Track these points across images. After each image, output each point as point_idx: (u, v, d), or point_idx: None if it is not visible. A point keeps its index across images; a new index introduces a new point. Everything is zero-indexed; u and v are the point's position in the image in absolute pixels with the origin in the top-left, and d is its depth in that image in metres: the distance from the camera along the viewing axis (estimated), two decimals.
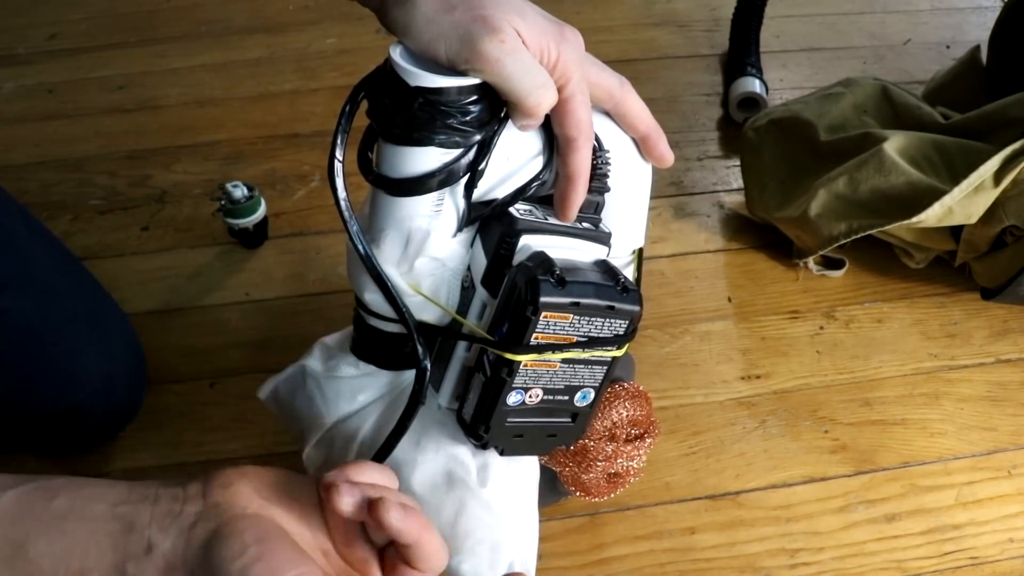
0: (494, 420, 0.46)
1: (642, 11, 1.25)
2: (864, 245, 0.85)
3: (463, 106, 0.41)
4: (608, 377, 0.48)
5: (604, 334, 0.45)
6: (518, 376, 0.45)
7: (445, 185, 0.43)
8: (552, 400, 0.47)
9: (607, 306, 0.44)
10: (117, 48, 1.18)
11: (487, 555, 0.49)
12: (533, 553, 0.52)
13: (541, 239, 0.45)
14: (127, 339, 0.74)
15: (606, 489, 0.60)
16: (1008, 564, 0.68)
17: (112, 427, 0.73)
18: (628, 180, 0.50)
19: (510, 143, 0.45)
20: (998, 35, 0.95)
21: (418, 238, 0.45)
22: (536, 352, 0.44)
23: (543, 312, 0.42)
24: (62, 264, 0.73)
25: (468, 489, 0.49)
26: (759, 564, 0.68)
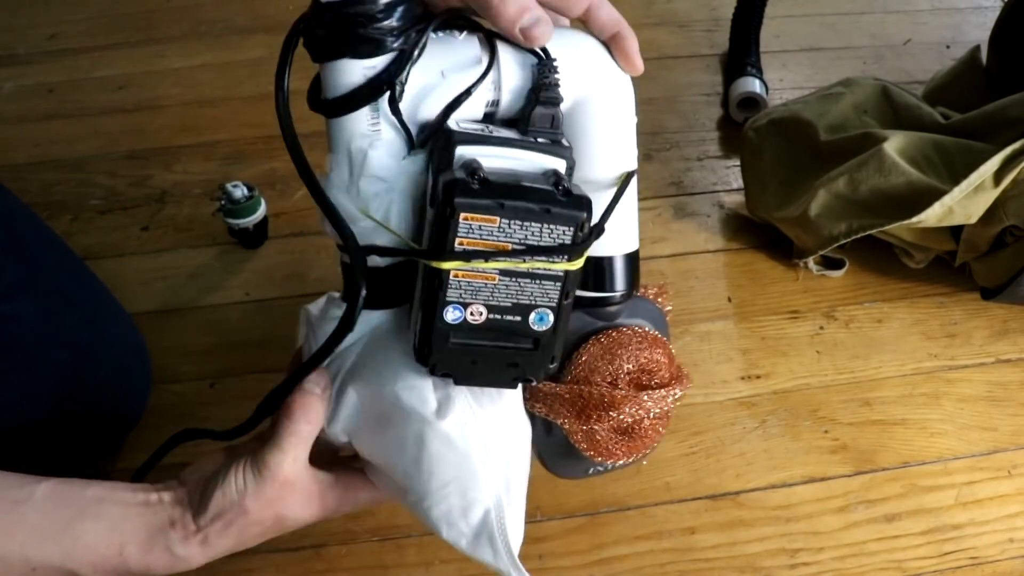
0: (434, 338, 0.44)
1: (642, 11, 1.25)
2: (864, 245, 0.85)
3: (371, 15, 0.42)
4: (567, 296, 0.44)
5: (545, 242, 0.42)
6: (451, 288, 0.43)
7: (371, 99, 0.43)
8: (501, 320, 0.44)
9: (541, 209, 0.41)
10: (117, 48, 1.18)
11: (457, 501, 0.47)
12: (515, 501, 0.48)
13: (479, 149, 0.43)
14: (134, 345, 0.74)
15: (623, 449, 0.52)
16: (1008, 564, 0.68)
17: (118, 433, 0.73)
18: (601, 94, 0.47)
19: (444, 58, 0.44)
20: (998, 35, 0.95)
21: (359, 159, 0.45)
22: (462, 259, 0.42)
23: (461, 213, 0.40)
24: (70, 269, 0.73)
25: (425, 422, 0.46)
26: (759, 564, 0.68)
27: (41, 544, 0.46)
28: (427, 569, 0.67)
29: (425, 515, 0.48)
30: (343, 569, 0.67)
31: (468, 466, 0.46)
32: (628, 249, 0.49)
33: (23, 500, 0.47)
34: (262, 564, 0.67)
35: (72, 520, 0.47)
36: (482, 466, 0.47)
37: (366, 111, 0.44)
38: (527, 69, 0.45)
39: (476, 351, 0.45)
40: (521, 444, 0.50)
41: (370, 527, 0.69)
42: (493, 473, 0.47)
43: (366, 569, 0.67)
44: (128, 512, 0.48)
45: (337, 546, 0.68)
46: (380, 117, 0.44)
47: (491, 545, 0.47)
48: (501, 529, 0.47)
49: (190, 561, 0.49)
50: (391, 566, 0.67)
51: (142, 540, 0.48)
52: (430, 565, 0.67)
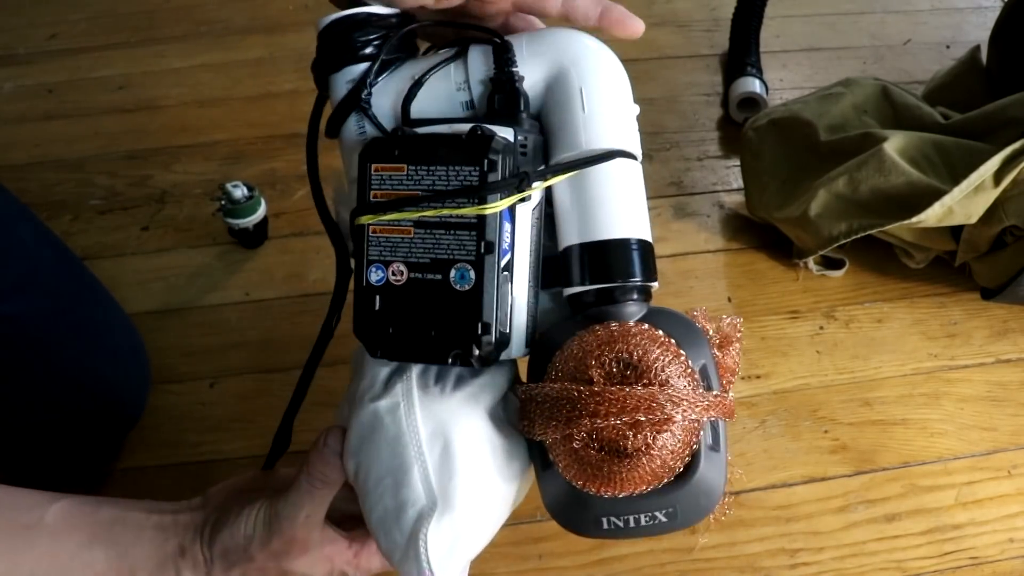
0: (362, 304, 0.43)
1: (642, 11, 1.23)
2: (864, 245, 0.85)
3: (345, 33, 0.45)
4: (487, 249, 0.41)
5: (453, 185, 0.41)
6: (372, 246, 0.43)
7: (350, 108, 0.46)
8: (423, 279, 0.42)
9: (445, 152, 0.41)
10: (117, 48, 1.18)
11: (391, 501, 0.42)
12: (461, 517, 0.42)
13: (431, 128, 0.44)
14: (133, 346, 0.74)
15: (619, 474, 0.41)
16: (1008, 564, 0.68)
17: (116, 434, 0.73)
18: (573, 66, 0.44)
19: (418, 67, 0.46)
20: (998, 35, 0.95)
21: (349, 165, 0.47)
22: (373, 211, 0.42)
23: (370, 164, 0.42)
24: (69, 270, 0.73)
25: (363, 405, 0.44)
26: (759, 564, 0.68)
27: (49, 571, 0.46)
28: None
29: (370, 525, 0.44)
30: None
31: (400, 457, 0.43)
32: (629, 234, 0.44)
33: (33, 524, 0.46)
34: None
35: (81, 546, 0.46)
36: (414, 459, 0.43)
37: (353, 122, 0.46)
38: (488, 58, 0.45)
39: (402, 317, 0.43)
40: (481, 453, 0.44)
41: None
42: (426, 468, 0.43)
43: None
44: (141, 537, 0.47)
45: None
46: (365, 124, 0.46)
47: (416, 559, 0.42)
48: (424, 537, 0.41)
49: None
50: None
51: (152, 568, 0.47)
52: None
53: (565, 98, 0.44)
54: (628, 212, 0.44)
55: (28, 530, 0.46)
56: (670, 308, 0.45)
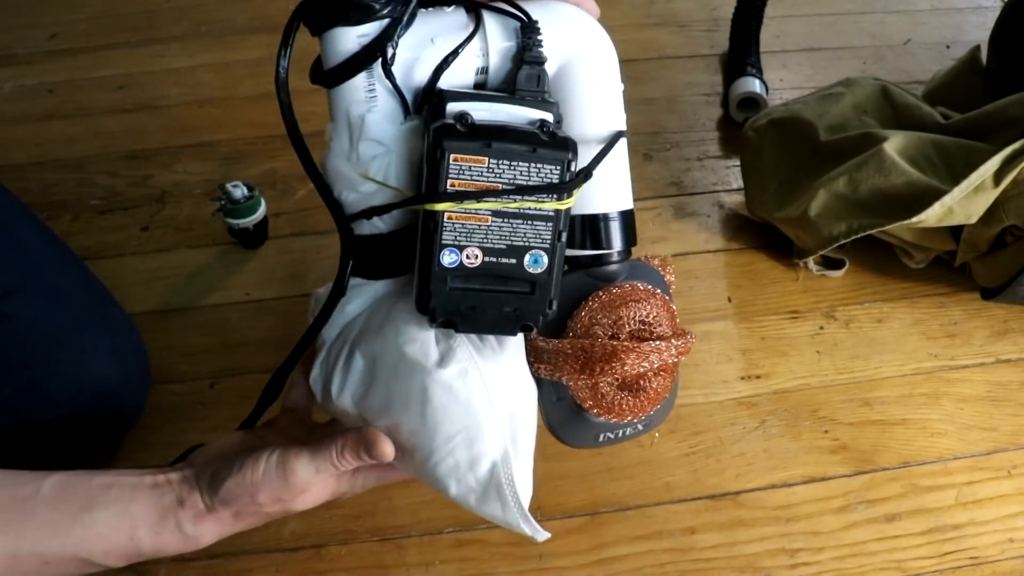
0: (433, 284, 0.45)
1: (642, 11, 1.25)
2: (864, 245, 0.85)
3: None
4: (560, 237, 0.45)
5: (534, 181, 0.44)
6: (446, 231, 0.44)
7: (365, 64, 0.45)
8: (497, 263, 0.45)
9: (528, 149, 0.43)
10: (117, 48, 1.18)
11: (463, 453, 0.47)
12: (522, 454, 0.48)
13: (469, 104, 0.45)
14: (133, 345, 0.74)
15: (629, 406, 0.52)
16: (1008, 564, 0.68)
17: (116, 433, 0.73)
18: (585, 54, 0.49)
19: (434, 26, 0.46)
20: (998, 35, 0.95)
21: (357, 124, 0.47)
22: (454, 200, 0.43)
23: (451, 154, 0.43)
24: (70, 269, 0.73)
25: (427, 372, 0.47)
26: (759, 564, 0.68)
27: (52, 537, 0.47)
28: (427, 569, 0.67)
29: (432, 474, 0.48)
30: (343, 569, 0.67)
31: (472, 417, 0.47)
32: (622, 207, 0.50)
33: (31, 496, 0.47)
34: (262, 564, 0.67)
35: (81, 510, 0.48)
36: (487, 417, 0.47)
37: (362, 78, 0.46)
38: (511, 32, 0.47)
39: (474, 296, 0.46)
40: (526, 398, 0.50)
41: (370, 527, 0.69)
42: (498, 424, 0.47)
43: (366, 569, 0.67)
44: (137, 495, 0.49)
45: (337, 546, 0.68)
46: (376, 83, 0.46)
47: (499, 498, 0.47)
48: (509, 481, 0.47)
49: (200, 540, 0.50)
50: (391, 566, 0.67)
51: (152, 522, 0.48)
52: (430, 565, 0.67)
53: (579, 84, 0.48)
54: (620, 186, 0.50)
55: (26, 502, 0.47)
56: (641, 261, 0.53)
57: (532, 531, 0.48)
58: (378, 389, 0.49)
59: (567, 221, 0.46)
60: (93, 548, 0.48)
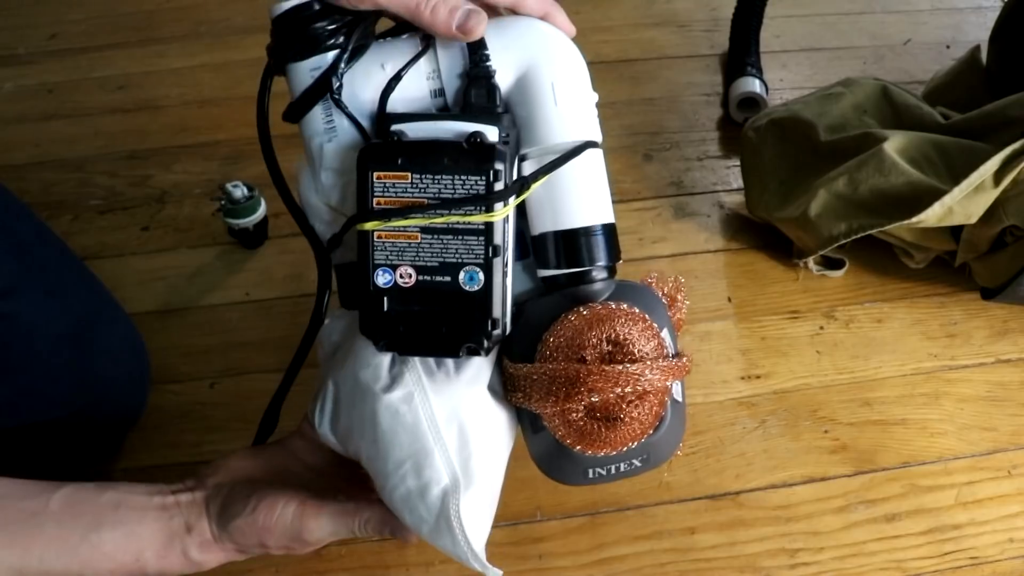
0: (371, 305, 0.45)
1: (642, 11, 1.25)
2: (864, 245, 0.85)
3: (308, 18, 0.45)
4: (495, 252, 0.44)
5: (459, 194, 0.43)
6: (377, 250, 0.44)
7: (318, 97, 0.46)
8: (431, 281, 0.44)
9: (449, 161, 0.42)
10: (117, 48, 1.18)
11: (413, 482, 0.46)
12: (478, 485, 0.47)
13: (410, 125, 0.44)
14: (133, 345, 0.74)
15: (605, 437, 0.47)
16: (1008, 564, 0.68)
17: (116, 433, 0.73)
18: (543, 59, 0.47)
19: (384, 53, 0.47)
20: (998, 35, 0.95)
21: (317, 156, 0.48)
22: (380, 218, 0.43)
23: (372, 172, 0.43)
24: (70, 268, 0.73)
25: (375, 396, 0.46)
26: (759, 564, 0.68)
27: (59, 555, 0.47)
28: (427, 569, 0.67)
29: (390, 502, 0.48)
30: (343, 569, 0.67)
31: (419, 443, 0.46)
32: (600, 220, 0.48)
33: (39, 511, 0.47)
34: (262, 564, 0.67)
35: (89, 529, 0.48)
36: (434, 442, 0.46)
37: (319, 110, 0.47)
38: (459, 51, 0.46)
39: (413, 317, 0.45)
40: (487, 427, 0.48)
41: None
42: (447, 450, 0.46)
43: (366, 569, 0.67)
44: (145, 517, 0.49)
45: (337, 546, 0.68)
46: (333, 114, 0.46)
47: (449, 531, 0.46)
48: (456, 512, 0.46)
49: (203, 566, 0.50)
50: (391, 566, 0.67)
51: (159, 546, 0.48)
52: (430, 565, 0.67)
53: (536, 92, 0.47)
54: (595, 199, 0.48)
55: (34, 516, 0.47)
56: (633, 281, 0.50)
57: (481, 568, 0.47)
58: (343, 416, 0.49)
59: (505, 234, 0.44)
60: (98, 567, 0.48)
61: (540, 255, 0.48)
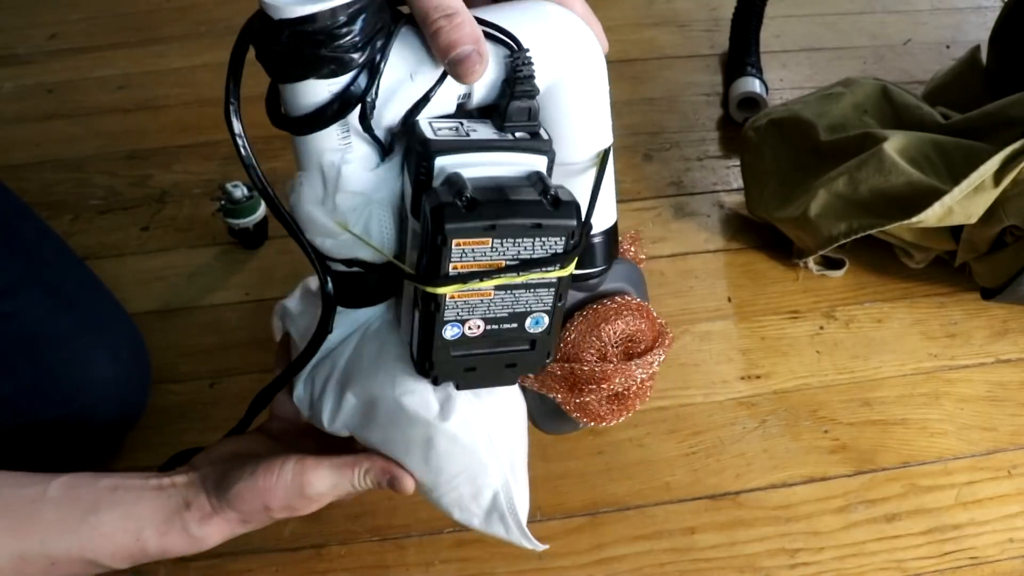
0: (435, 355, 0.45)
1: (642, 11, 1.25)
2: (864, 245, 0.85)
3: (331, 32, 0.38)
4: (560, 298, 0.44)
5: (538, 254, 0.41)
6: (448, 309, 0.43)
7: (340, 116, 0.41)
8: (498, 329, 0.44)
9: (532, 224, 0.40)
10: (117, 48, 1.18)
11: (467, 488, 0.49)
12: (520, 478, 0.51)
13: (459, 158, 0.41)
14: (133, 345, 0.74)
15: (614, 412, 0.54)
16: (1008, 564, 0.68)
17: (116, 433, 0.73)
18: (574, 75, 0.44)
19: (411, 61, 0.41)
20: (998, 35, 0.95)
21: (332, 175, 0.43)
22: (457, 283, 0.41)
23: (453, 240, 0.39)
24: (69, 268, 0.73)
25: (431, 426, 0.47)
26: (759, 564, 0.68)
27: (59, 538, 0.47)
28: (427, 569, 0.67)
29: (436, 503, 0.50)
30: (343, 569, 0.67)
31: (476, 458, 0.48)
32: (606, 225, 0.49)
33: (38, 497, 0.48)
34: (262, 564, 0.67)
35: (88, 511, 0.48)
36: (489, 456, 0.49)
37: (336, 126, 0.42)
38: (499, 61, 0.42)
39: (476, 359, 0.46)
40: (520, 424, 0.52)
41: (370, 527, 0.69)
42: (499, 459, 0.49)
43: (366, 569, 0.67)
44: (143, 496, 0.49)
45: (337, 546, 0.68)
46: (351, 131, 0.42)
47: (503, 522, 0.50)
48: (511, 507, 0.50)
49: (205, 541, 0.50)
50: (391, 566, 0.67)
51: (158, 523, 0.49)
52: (430, 565, 0.67)
53: (567, 105, 0.45)
54: (604, 204, 0.48)
55: (33, 503, 0.48)
56: (620, 260, 0.52)
57: (533, 546, 0.51)
58: (375, 430, 0.50)
59: (568, 282, 0.45)
60: (99, 549, 0.48)
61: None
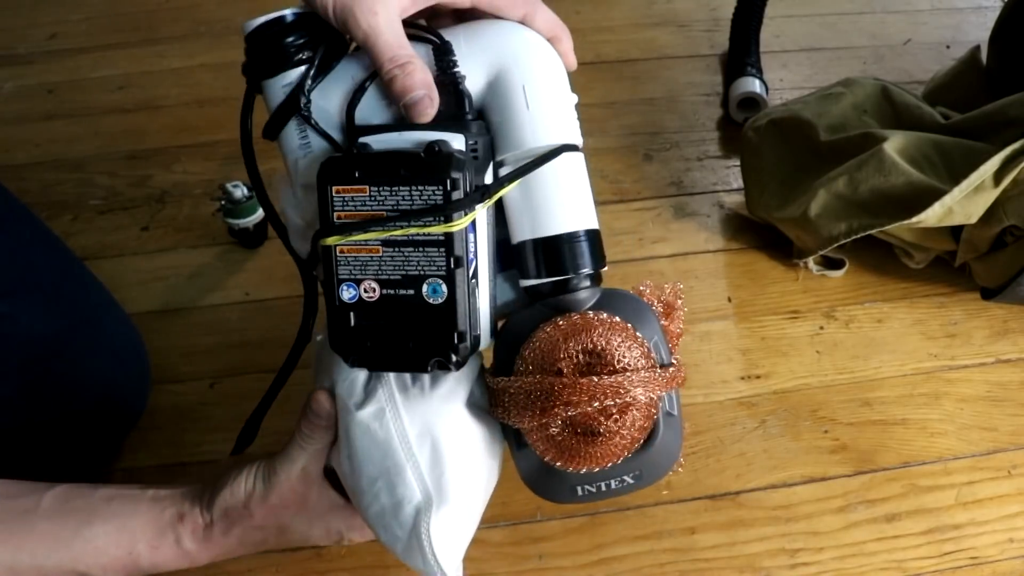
0: (337, 321, 0.45)
1: (642, 11, 1.25)
2: (864, 245, 0.85)
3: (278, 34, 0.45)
4: (458, 264, 0.43)
5: (417, 205, 0.42)
6: (341, 265, 0.44)
7: (289, 113, 0.46)
8: (395, 295, 0.44)
9: (406, 172, 0.42)
10: (117, 48, 1.19)
11: (386, 499, 0.46)
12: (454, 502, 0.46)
13: (376, 137, 0.44)
14: (132, 345, 0.74)
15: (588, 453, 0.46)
16: (1008, 564, 0.68)
17: (116, 433, 0.73)
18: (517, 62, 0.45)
19: (354, 65, 0.46)
20: (998, 35, 0.95)
21: (295, 172, 0.48)
22: (339, 233, 0.43)
23: (331, 186, 0.43)
24: (68, 269, 0.73)
25: (348, 412, 0.46)
26: (759, 564, 0.68)
27: (51, 551, 0.47)
28: None
29: (366, 519, 0.47)
30: (343, 569, 0.67)
31: (391, 459, 0.46)
32: (581, 227, 0.47)
33: (31, 509, 0.48)
34: (262, 564, 0.67)
35: (81, 524, 0.48)
36: (406, 459, 0.46)
37: (294, 127, 0.47)
38: (429, 59, 0.45)
39: (379, 331, 0.45)
40: (465, 443, 0.48)
41: None
42: (419, 467, 0.46)
43: (366, 569, 0.67)
44: (138, 508, 0.49)
45: (337, 546, 0.68)
46: (307, 129, 0.46)
47: (420, 550, 0.45)
48: (426, 530, 0.45)
49: (197, 556, 0.50)
50: (391, 566, 0.67)
51: (152, 536, 0.48)
52: None
53: (508, 96, 0.45)
54: (576, 204, 0.47)
55: (27, 514, 0.47)
56: (620, 289, 0.48)
57: None
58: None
59: (469, 244, 0.43)
60: (91, 563, 0.48)
61: (521, 265, 0.47)
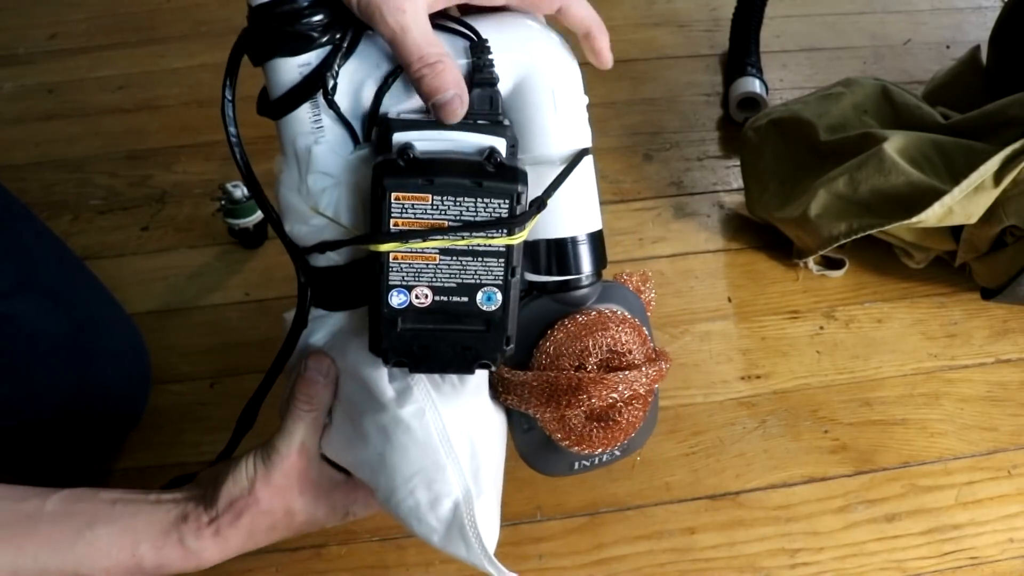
0: (383, 325, 0.44)
1: (642, 11, 1.25)
2: (864, 245, 0.85)
3: (299, 11, 0.42)
4: (513, 273, 0.43)
5: (481, 217, 0.42)
6: (392, 272, 0.43)
7: (307, 95, 0.44)
8: (448, 302, 0.44)
9: (472, 183, 0.41)
10: (117, 48, 1.18)
11: (424, 495, 0.46)
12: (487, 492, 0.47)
13: (415, 134, 0.43)
14: (133, 346, 0.74)
15: (600, 437, 0.50)
16: (1008, 564, 0.68)
17: (116, 433, 0.74)
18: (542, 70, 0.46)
19: (380, 49, 0.44)
20: (998, 35, 0.95)
21: (305, 157, 0.46)
22: (398, 240, 0.42)
23: (392, 193, 0.41)
24: (69, 269, 0.73)
25: (384, 412, 0.46)
26: (759, 564, 0.68)
27: (54, 554, 0.47)
28: (427, 569, 0.67)
29: (395, 512, 0.47)
30: (343, 569, 0.67)
31: (431, 457, 0.46)
32: (589, 229, 0.48)
33: (35, 512, 0.47)
34: (262, 564, 0.67)
35: (85, 526, 0.47)
36: (446, 456, 0.46)
37: (307, 109, 0.45)
38: (460, 51, 0.44)
39: (427, 336, 0.45)
40: (490, 435, 0.49)
41: (370, 527, 0.69)
42: (459, 463, 0.46)
43: (366, 569, 0.67)
44: (141, 509, 0.49)
45: (337, 546, 0.68)
46: (321, 113, 0.45)
47: (463, 539, 0.47)
48: (471, 522, 0.46)
49: (203, 556, 0.49)
50: (391, 566, 0.67)
51: (155, 537, 0.48)
52: (430, 565, 0.67)
53: (536, 99, 0.46)
54: (585, 208, 0.48)
55: (29, 518, 0.47)
56: (615, 282, 0.51)
57: (497, 572, 0.47)
58: (337, 429, 0.49)
59: (520, 256, 0.44)
60: (94, 565, 0.47)
61: (531, 260, 0.48)
